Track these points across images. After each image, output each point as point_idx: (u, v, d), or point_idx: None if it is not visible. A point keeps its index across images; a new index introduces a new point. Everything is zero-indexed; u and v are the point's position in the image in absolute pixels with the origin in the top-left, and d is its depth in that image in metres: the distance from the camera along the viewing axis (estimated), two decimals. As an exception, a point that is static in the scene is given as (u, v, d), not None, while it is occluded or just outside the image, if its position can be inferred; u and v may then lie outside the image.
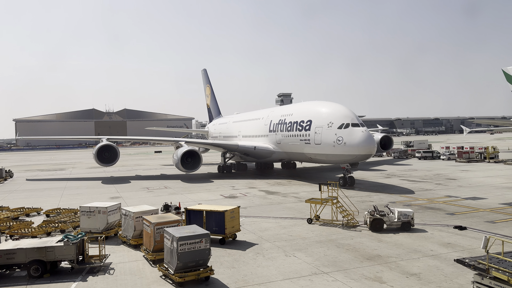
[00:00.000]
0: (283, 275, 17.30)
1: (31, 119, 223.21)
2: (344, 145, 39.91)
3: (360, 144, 39.28)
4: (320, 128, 43.00)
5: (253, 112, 70.83)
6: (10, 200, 39.31)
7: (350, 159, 40.99)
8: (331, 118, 42.47)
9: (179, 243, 16.27)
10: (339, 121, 41.39)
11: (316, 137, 43.38)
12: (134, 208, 23.47)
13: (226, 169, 60.95)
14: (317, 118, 44.40)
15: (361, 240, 22.29)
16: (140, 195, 41.23)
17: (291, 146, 49.37)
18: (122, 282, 17.08)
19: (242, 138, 63.48)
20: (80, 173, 68.78)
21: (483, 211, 28.94)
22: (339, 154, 40.86)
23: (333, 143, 40.84)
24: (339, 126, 40.94)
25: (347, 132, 40.20)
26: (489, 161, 67.82)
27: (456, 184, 42.63)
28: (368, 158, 42.46)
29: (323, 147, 42.44)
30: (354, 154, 39.91)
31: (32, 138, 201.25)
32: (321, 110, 45.60)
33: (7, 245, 19.00)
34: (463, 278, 16.14)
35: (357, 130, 40.07)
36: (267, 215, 29.50)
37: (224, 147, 61.34)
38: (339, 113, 42.81)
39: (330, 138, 41.30)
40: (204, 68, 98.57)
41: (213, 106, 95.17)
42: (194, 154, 51.87)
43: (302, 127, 46.31)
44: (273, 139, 53.62)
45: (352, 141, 39.52)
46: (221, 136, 75.23)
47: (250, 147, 56.64)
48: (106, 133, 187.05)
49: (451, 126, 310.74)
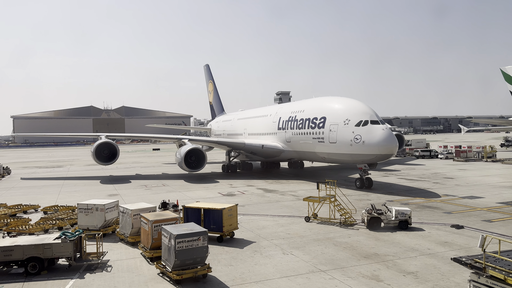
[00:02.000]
0: (280, 273, 17.34)
1: (29, 116, 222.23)
2: (362, 144, 37.30)
3: (380, 143, 36.67)
4: (336, 126, 40.33)
5: (259, 109, 68.40)
6: (8, 197, 39.24)
7: (369, 159, 38.25)
8: (348, 114, 39.82)
9: (177, 240, 16.27)
10: (357, 118, 38.79)
11: (331, 135, 40.76)
12: (132, 206, 23.46)
13: (230, 168, 58.82)
14: (332, 114, 41.73)
15: (359, 239, 22.34)
16: (138, 192, 41.20)
17: (302, 145, 46.90)
18: (120, 280, 17.08)
19: (248, 136, 61.26)
20: (78, 170, 68.58)
21: (480, 210, 29.03)
22: (356, 153, 38.23)
23: (350, 142, 38.23)
24: (356, 124, 38.38)
25: (366, 130, 37.61)
26: (486, 160, 68.01)
27: (453, 183, 42.74)
28: (389, 158, 39.51)
29: (339, 146, 39.89)
30: (374, 154, 37.19)
31: (28, 135, 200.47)
32: (336, 106, 42.93)
33: (5, 242, 18.95)
34: (459, 277, 16.21)
35: (377, 128, 37.50)
36: (265, 213, 29.52)
37: (229, 145, 59.00)
38: (356, 109, 40.23)
39: (347, 136, 38.71)
40: (206, 64, 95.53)
41: (216, 103, 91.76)
42: (198, 153, 49.83)
43: (315, 124, 43.68)
44: (282, 137, 51.21)
45: (371, 139, 36.92)
46: (225, 134, 73.06)
47: (257, 146, 54.10)
48: (104, 130, 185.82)
49: (449, 125, 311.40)
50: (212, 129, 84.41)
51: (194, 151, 49.39)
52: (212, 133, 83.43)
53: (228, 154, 59.93)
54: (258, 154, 55.73)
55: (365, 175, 39.78)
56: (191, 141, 54.85)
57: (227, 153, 60.07)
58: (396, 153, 79.09)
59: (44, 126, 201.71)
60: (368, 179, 39.72)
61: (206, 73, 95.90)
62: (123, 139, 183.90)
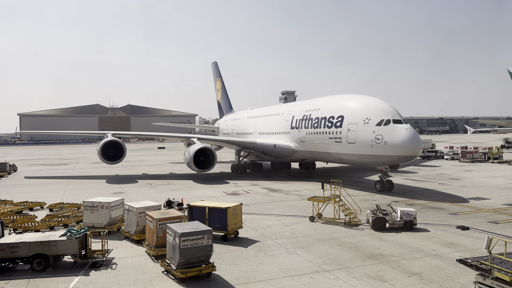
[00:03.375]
0: (284, 272, 17.33)
1: (35, 114, 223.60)
2: (384, 144, 35.25)
3: (404, 143, 34.53)
4: (355, 125, 38.28)
5: (271, 107, 66.83)
6: (14, 194, 39.53)
7: (391, 161, 36.07)
8: (368, 113, 37.80)
9: (182, 239, 16.32)
10: (378, 116, 36.79)
11: (349, 135, 38.65)
12: (137, 204, 23.56)
13: (240, 169, 56.51)
14: (350, 113, 39.70)
15: (363, 239, 22.28)
16: (143, 190, 41.35)
17: (317, 145, 44.77)
18: (124, 277, 17.16)
19: (258, 135, 59.29)
20: (84, 168, 68.81)
21: (486, 212, 28.86)
22: (377, 154, 36.13)
23: (371, 142, 36.18)
24: (378, 123, 36.36)
25: (388, 129, 35.60)
26: (493, 162, 67.61)
27: (459, 184, 42.50)
28: (413, 160, 36.82)
29: (358, 147, 37.78)
30: (397, 155, 35.05)
31: (32, 132, 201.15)
32: (354, 104, 40.86)
33: (11, 238, 19.14)
34: (465, 278, 16.12)
35: (400, 128, 35.48)
36: (269, 213, 29.53)
37: (240, 144, 57.10)
38: (377, 107, 38.16)
39: (367, 136, 36.68)
40: (214, 61, 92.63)
41: (224, 101, 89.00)
42: (208, 152, 48.11)
43: (332, 123, 41.54)
44: (295, 136, 49.07)
45: (394, 140, 34.88)
46: (234, 133, 71.15)
47: (269, 145, 52.11)
48: (110, 129, 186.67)
49: (455, 125, 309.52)
50: (220, 128, 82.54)
51: (203, 150, 47.78)
52: (220, 131, 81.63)
53: (237, 154, 58.02)
54: (269, 154, 54.07)
55: (386, 177, 37.96)
56: (200, 140, 53.08)
57: (237, 153, 58.17)
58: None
59: (50, 124, 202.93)
60: (389, 181, 37.93)
61: (214, 70, 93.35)
62: (129, 137, 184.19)
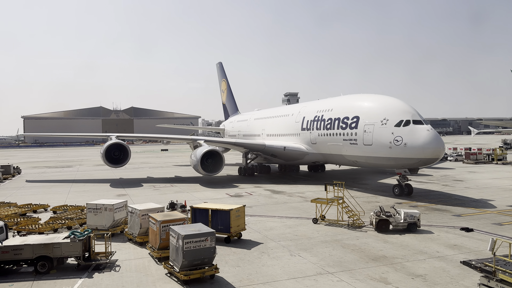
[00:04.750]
0: (288, 274, 17.31)
1: (39, 116, 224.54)
2: (404, 146, 33.51)
3: (426, 145, 32.81)
4: (371, 126, 36.56)
5: (279, 108, 65.27)
6: (18, 197, 39.66)
7: (411, 164, 34.26)
8: (385, 113, 36.07)
9: (185, 241, 16.33)
10: (396, 117, 35.12)
11: (365, 136, 36.98)
12: (140, 206, 23.58)
13: (248, 172, 54.58)
14: (366, 113, 37.99)
15: (367, 241, 22.22)
16: (146, 193, 41.41)
17: (330, 147, 43.03)
18: (128, 279, 17.18)
19: (266, 137, 57.59)
20: (87, 170, 69.01)
21: (490, 213, 28.74)
22: (397, 157, 34.38)
23: (389, 144, 34.42)
24: (396, 124, 34.69)
25: (407, 130, 33.93)
26: (497, 163, 67.32)
27: (463, 186, 42.33)
28: (434, 163, 35.44)
29: (375, 149, 36.07)
30: (418, 158, 33.34)
31: (34, 134, 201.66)
32: (370, 104, 39.18)
33: (15, 241, 19.20)
34: (469, 280, 16.05)
35: (420, 129, 33.85)
36: (272, 214, 29.50)
37: (248, 147, 54.99)
38: (395, 107, 36.51)
39: (385, 137, 34.95)
40: (219, 61, 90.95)
41: (230, 102, 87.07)
42: (215, 155, 46.60)
43: (346, 124, 39.81)
44: (306, 138, 47.37)
45: (415, 141, 33.13)
46: (240, 135, 69.36)
47: (279, 148, 50.33)
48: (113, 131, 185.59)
49: (458, 127, 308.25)
50: (225, 130, 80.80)
51: (211, 152, 46.32)
52: (225, 133, 79.98)
53: (245, 156, 56.11)
54: (279, 157, 52.44)
55: (405, 181, 36.39)
56: (207, 142, 51.74)
57: (244, 155, 56.27)
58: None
59: (54, 126, 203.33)
60: (408, 185, 36.37)
61: (219, 71, 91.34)
62: (134, 140, 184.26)
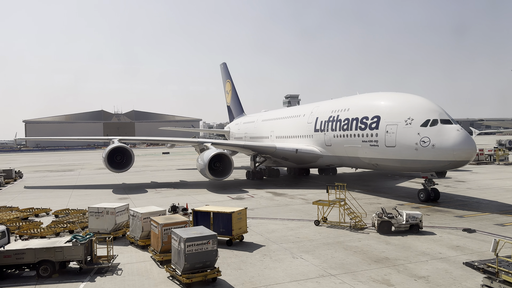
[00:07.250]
0: (290, 277, 17.28)
1: (40, 120, 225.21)
2: (432, 147, 31.10)
3: (456, 146, 30.32)
4: (394, 126, 34.03)
5: (289, 109, 63.78)
6: (20, 201, 39.72)
7: (440, 167, 32.00)
8: (410, 112, 33.55)
9: (187, 244, 16.33)
10: (423, 116, 32.61)
11: (388, 137, 34.40)
12: (142, 209, 23.61)
13: (256, 176, 52.33)
14: (388, 113, 35.39)
15: (369, 243, 22.18)
16: (148, 196, 41.42)
17: (347, 149, 40.28)
18: (130, 283, 17.17)
19: (275, 139, 55.19)
20: (89, 174, 69.07)
21: (493, 214, 28.65)
22: (424, 159, 31.93)
23: (415, 146, 31.97)
24: (423, 123, 32.19)
25: (435, 130, 31.47)
26: (498, 164, 67.22)
27: (465, 186, 42.24)
28: (465, 165, 33.51)
29: (399, 151, 33.55)
30: (448, 160, 30.89)
31: (34, 138, 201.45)
32: (392, 103, 36.48)
33: (17, 245, 19.20)
34: (472, 282, 16.00)
35: (450, 128, 31.33)
36: (274, 217, 29.48)
37: (258, 149, 52.20)
38: (420, 106, 34.01)
39: (410, 138, 32.48)
40: (223, 62, 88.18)
41: (235, 104, 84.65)
42: (224, 158, 44.35)
43: (366, 125, 37.20)
44: (320, 140, 44.65)
45: (444, 142, 30.74)
46: (247, 137, 66.86)
47: (290, 150, 47.54)
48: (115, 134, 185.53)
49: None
50: (231, 132, 78.54)
51: (219, 156, 43.92)
52: (230, 136, 77.86)
53: (253, 160, 53.60)
54: (290, 160, 49.64)
55: (431, 185, 33.94)
56: (214, 144, 49.24)
57: (252, 158, 53.77)
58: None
59: (55, 130, 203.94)
60: (434, 190, 33.86)
61: (223, 72, 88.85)
62: (136, 143, 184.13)
